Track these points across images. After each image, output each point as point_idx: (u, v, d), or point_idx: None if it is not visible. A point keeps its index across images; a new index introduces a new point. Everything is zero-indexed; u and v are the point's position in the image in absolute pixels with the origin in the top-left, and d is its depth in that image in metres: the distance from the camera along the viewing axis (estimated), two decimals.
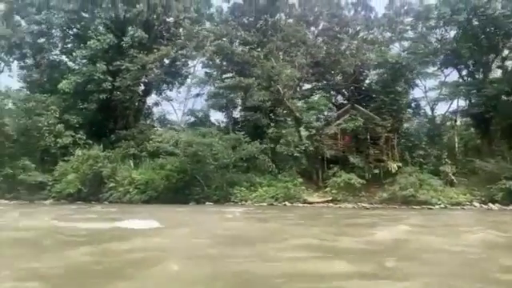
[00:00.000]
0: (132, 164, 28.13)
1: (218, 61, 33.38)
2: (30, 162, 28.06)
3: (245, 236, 9.37)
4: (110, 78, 29.80)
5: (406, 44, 34.48)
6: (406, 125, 30.23)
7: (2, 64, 33.70)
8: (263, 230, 11.08)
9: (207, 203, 25.84)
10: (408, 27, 33.76)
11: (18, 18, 33.31)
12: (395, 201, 24.30)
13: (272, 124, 32.20)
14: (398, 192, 24.10)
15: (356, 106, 29.61)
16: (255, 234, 9.78)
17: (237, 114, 35.74)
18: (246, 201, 26.18)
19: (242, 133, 27.79)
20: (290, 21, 35.52)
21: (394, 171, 26.01)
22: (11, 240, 9.05)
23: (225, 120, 37.31)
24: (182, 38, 33.26)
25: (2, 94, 31.05)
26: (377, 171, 26.56)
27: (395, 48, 34.97)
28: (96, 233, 9.66)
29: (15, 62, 34.03)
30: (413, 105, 32.64)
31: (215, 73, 34.30)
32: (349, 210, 21.89)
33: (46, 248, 7.80)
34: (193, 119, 35.93)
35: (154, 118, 37.45)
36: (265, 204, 24.89)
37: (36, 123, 27.95)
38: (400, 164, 26.38)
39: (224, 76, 33.98)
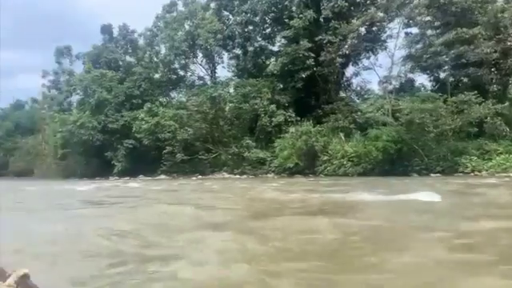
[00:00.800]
0: (343, 137, 28.08)
1: (424, 17, 29.74)
2: (250, 140, 31.25)
3: None
4: (312, 55, 30.22)
5: None
6: None
7: (217, 57, 38.26)
8: None
9: (431, 175, 23.73)
10: None
11: (226, 12, 37.26)
12: None
13: (494, 81, 27.36)
14: None
15: None
16: None
17: (444, 74, 31.71)
18: (479, 171, 22.99)
19: (473, 93, 24.11)
20: None
21: None
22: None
23: (429, 83, 33.83)
24: None
25: (223, 83, 35.41)
26: None
27: None
28: (407, 205, 9.26)
29: (225, 54, 38.28)
30: None
31: (421, 31, 30.78)
32: None
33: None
34: (394, 86, 33.51)
35: (352, 89, 36.64)
36: (510, 174, 21.23)
37: (253, 106, 30.80)
38: None
39: (430, 33, 30.28)
